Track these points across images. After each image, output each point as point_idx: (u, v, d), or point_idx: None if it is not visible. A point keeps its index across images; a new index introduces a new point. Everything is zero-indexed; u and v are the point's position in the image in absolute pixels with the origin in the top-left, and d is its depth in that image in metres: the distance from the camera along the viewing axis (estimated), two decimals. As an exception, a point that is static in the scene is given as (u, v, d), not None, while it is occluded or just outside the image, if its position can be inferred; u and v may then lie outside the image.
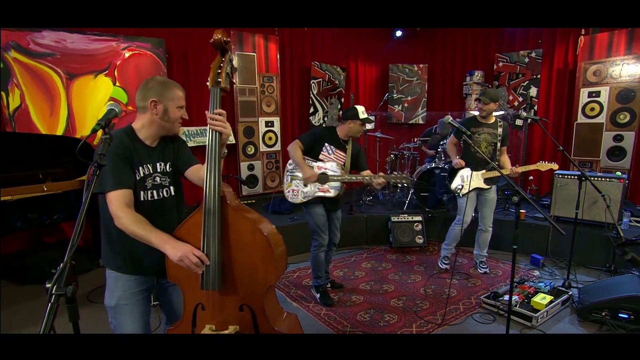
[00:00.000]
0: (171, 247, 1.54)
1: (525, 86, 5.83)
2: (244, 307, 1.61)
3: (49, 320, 0.98)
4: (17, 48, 3.97)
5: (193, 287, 1.60)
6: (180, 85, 1.78)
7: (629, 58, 4.71)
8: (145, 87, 1.70)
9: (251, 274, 1.59)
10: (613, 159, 4.88)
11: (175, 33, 5.03)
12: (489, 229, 3.82)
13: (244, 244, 1.58)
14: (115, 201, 1.58)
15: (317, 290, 3.40)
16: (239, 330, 1.60)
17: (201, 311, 1.62)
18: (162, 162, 1.80)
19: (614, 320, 2.80)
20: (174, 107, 1.73)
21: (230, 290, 1.60)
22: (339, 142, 3.20)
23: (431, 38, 6.93)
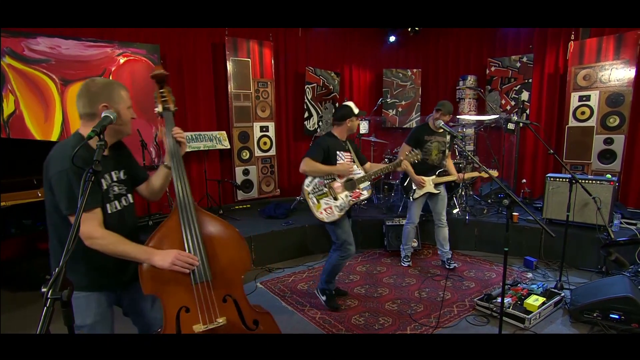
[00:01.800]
0: (159, 257, 1.58)
1: (517, 90, 5.90)
2: (227, 297, 1.74)
3: (44, 324, 0.99)
4: (12, 54, 3.98)
5: (175, 293, 1.65)
6: (123, 85, 1.71)
7: (618, 63, 4.79)
8: (89, 91, 1.59)
9: (230, 264, 1.77)
10: (604, 162, 4.94)
11: (170, 39, 5.06)
12: (445, 224, 4.06)
13: (219, 239, 1.77)
14: (90, 222, 1.50)
15: (324, 293, 3.36)
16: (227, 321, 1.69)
17: (185, 314, 1.65)
18: (117, 171, 1.74)
19: (605, 320, 2.83)
20: (125, 108, 1.67)
21: (214, 282, 1.70)
22: (342, 146, 3.13)
23: (424, 43, 7.00)
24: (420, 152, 3.11)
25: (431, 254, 4.62)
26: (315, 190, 3.07)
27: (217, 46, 5.44)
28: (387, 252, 4.63)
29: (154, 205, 4.90)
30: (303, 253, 4.62)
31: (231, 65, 5.38)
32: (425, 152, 3.80)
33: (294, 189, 6.35)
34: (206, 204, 5.31)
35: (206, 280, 1.67)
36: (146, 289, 1.63)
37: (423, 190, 3.91)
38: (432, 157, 3.86)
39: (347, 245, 3.14)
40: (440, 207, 4.01)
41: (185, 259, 1.60)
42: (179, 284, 1.64)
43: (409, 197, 4.02)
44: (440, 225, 4.05)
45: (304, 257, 4.58)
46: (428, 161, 3.83)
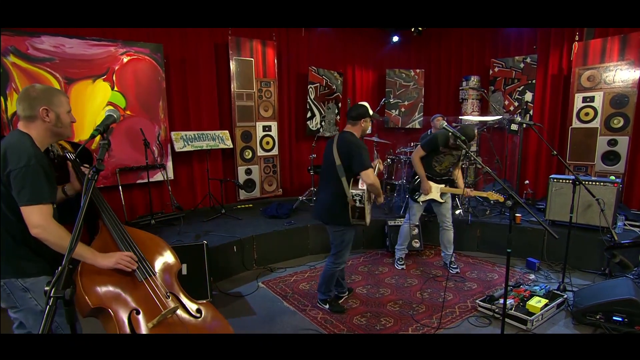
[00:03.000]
0: (102, 257, 1.73)
1: (520, 91, 5.89)
2: (169, 294, 1.89)
3: (47, 322, 0.99)
4: (16, 53, 3.99)
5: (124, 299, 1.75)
6: (62, 91, 1.84)
7: (622, 64, 4.77)
8: (29, 96, 1.69)
9: (164, 264, 2.02)
10: (607, 164, 4.92)
11: (173, 38, 5.06)
12: (450, 227, 4.03)
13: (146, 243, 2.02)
14: (45, 212, 1.62)
15: (325, 302, 3.32)
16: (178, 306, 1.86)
17: (136, 316, 1.72)
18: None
19: (608, 323, 2.82)
20: (64, 112, 1.78)
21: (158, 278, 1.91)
22: None
23: (427, 43, 6.99)
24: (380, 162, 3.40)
25: (433, 254, 4.61)
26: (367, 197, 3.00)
27: (220, 45, 5.44)
28: (389, 252, 4.63)
29: (156, 204, 4.91)
30: (305, 253, 4.62)
31: (234, 64, 5.39)
32: (437, 160, 3.83)
33: (296, 189, 6.35)
34: (208, 203, 5.32)
35: (152, 275, 1.86)
36: (93, 302, 1.65)
37: (428, 197, 3.91)
38: (441, 167, 3.86)
39: (345, 254, 3.17)
40: (444, 210, 4.00)
41: (127, 258, 1.77)
42: (124, 287, 1.77)
43: (412, 198, 4.01)
44: (445, 228, 4.04)
45: (306, 257, 4.58)
46: (436, 169, 3.85)
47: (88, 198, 1.19)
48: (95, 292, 1.69)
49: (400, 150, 5.76)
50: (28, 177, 1.58)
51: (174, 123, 5.16)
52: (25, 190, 1.58)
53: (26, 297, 1.71)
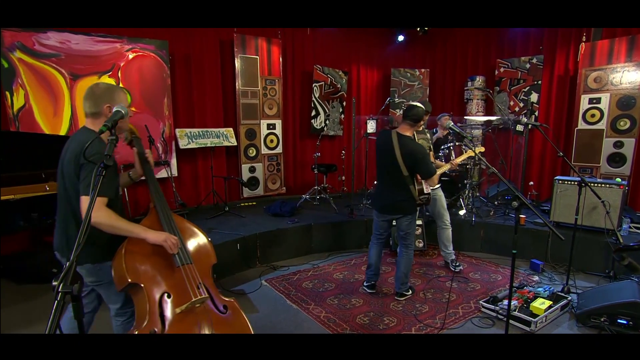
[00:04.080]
0: (152, 233, 1.83)
1: (526, 92, 5.86)
2: (200, 285, 1.93)
3: (55, 318, 0.99)
4: (23, 49, 4.00)
5: (159, 280, 1.85)
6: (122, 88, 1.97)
7: (630, 65, 4.73)
8: (94, 94, 1.86)
9: (201, 256, 2.07)
10: (613, 166, 4.89)
11: (179, 35, 5.06)
12: (449, 225, 4.02)
13: (190, 235, 2.12)
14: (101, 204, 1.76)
15: (408, 290, 3.54)
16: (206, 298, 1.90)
17: (167, 299, 1.81)
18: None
19: (612, 325, 2.81)
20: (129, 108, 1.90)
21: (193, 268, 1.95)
22: None
23: (433, 43, 6.96)
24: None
25: (436, 254, 4.60)
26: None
27: (225, 43, 5.44)
28: (393, 252, 4.62)
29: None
30: (308, 251, 4.62)
31: (239, 62, 5.38)
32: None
33: (299, 187, 6.35)
34: (212, 201, 5.33)
35: (189, 263, 1.91)
36: (130, 278, 1.77)
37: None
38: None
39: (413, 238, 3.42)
40: (440, 207, 4.00)
41: (174, 240, 1.86)
42: (161, 270, 1.86)
43: None
44: (444, 227, 4.04)
45: (309, 255, 4.58)
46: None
47: (96, 194, 1.19)
48: (134, 269, 1.80)
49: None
50: (88, 171, 1.75)
51: (178, 120, 5.16)
52: (85, 182, 1.76)
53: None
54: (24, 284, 3.64)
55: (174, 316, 1.78)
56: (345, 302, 3.40)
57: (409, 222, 3.33)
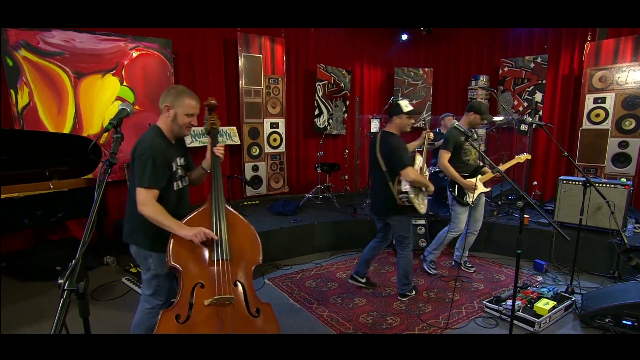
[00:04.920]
0: (186, 229, 1.92)
1: (530, 91, 5.83)
2: (237, 282, 1.99)
3: (61, 316, 0.99)
4: (27, 47, 4.01)
5: (195, 268, 1.93)
6: (195, 96, 2.07)
7: (635, 65, 4.70)
8: (166, 92, 2.04)
9: (244, 254, 2.08)
10: (618, 166, 4.87)
11: (182, 34, 5.06)
12: (477, 232, 3.94)
13: (238, 232, 2.12)
14: (149, 195, 1.91)
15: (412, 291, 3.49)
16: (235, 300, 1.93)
17: (200, 290, 1.89)
18: (180, 157, 2.14)
19: (617, 326, 2.79)
20: (182, 114, 2.01)
21: (232, 264, 1.98)
22: None
23: (437, 42, 6.94)
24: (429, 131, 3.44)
25: (440, 254, 4.57)
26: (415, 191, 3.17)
27: (229, 42, 5.44)
28: (396, 251, 4.60)
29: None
30: (311, 250, 4.61)
31: (243, 61, 5.38)
32: (465, 153, 3.66)
33: (302, 186, 6.35)
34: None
35: (226, 259, 1.94)
36: (174, 258, 1.91)
37: (476, 192, 3.66)
38: (472, 157, 3.69)
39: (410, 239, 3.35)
40: (479, 213, 3.86)
41: (206, 233, 1.90)
42: (200, 261, 1.94)
43: (464, 204, 3.67)
44: (474, 233, 3.89)
45: (312, 254, 4.57)
46: (469, 162, 3.67)
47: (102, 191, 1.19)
48: (177, 254, 1.92)
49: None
50: (140, 164, 1.92)
51: (182, 119, 5.16)
52: (138, 175, 1.92)
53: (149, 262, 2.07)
54: (28, 282, 3.65)
55: (200, 307, 1.85)
56: (349, 302, 3.40)
57: (399, 224, 3.27)
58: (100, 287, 3.59)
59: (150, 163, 1.90)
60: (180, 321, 1.82)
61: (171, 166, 2.04)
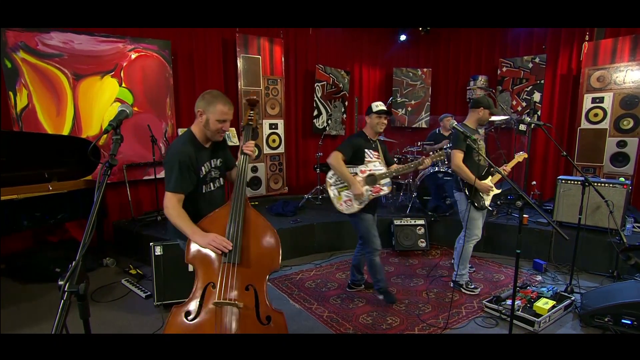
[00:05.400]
0: (199, 236, 1.91)
1: (528, 91, 5.85)
2: (250, 287, 1.93)
3: (62, 317, 0.99)
4: (26, 49, 4.01)
5: (208, 268, 1.94)
6: (228, 102, 2.06)
7: (633, 64, 4.72)
8: (201, 97, 2.06)
9: (261, 258, 1.99)
10: (616, 165, 4.88)
11: (181, 35, 5.07)
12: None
13: (258, 234, 2.03)
14: (172, 199, 1.98)
15: (380, 292, 3.38)
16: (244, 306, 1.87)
17: (211, 290, 1.89)
18: (215, 159, 2.19)
19: (616, 326, 2.79)
20: (214, 119, 2.02)
21: (243, 268, 1.93)
22: (370, 144, 3.19)
23: (435, 42, 6.95)
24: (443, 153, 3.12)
25: (439, 254, 4.59)
26: (337, 183, 3.18)
27: (227, 43, 5.44)
28: (395, 251, 4.62)
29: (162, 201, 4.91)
30: (311, 251, 4.61)
31: (241, 62, 5.39)
32: (477, 152, 3.38)
33: (302, 187, 6.35)
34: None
35: (234, 263, 1.89)
36: (186, 259, 1.96)
37: (491, 195, 3.46)
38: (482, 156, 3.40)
39: (370, 240, 3.19)
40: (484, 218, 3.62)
41: (220, 241, 1.87)
42: (212, 262, 1.93)
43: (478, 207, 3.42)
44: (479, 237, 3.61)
45: (311, 255, 4.57)
46: (482, 162, 3.40)
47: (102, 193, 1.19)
48: (193, 252, 1.95)
49: (407, 150, 5.73)
50: (167, 169, 2.00)
51: (181, 120, 5.17)
52: (165, 179, 2.02)
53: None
54: (28, 283, 3.65)
55: (209, 307, 1.85)
56: (348, 302, 3.40)
57: (354, 223, 3.23)
58: (99, 288, 3.58)
59: (177, 169, 1.95)
60: (189, 319, 1.84)
61: (199, 171, 2.07)
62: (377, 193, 3.12)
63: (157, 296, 3.14)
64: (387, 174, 3.10)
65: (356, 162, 3.12)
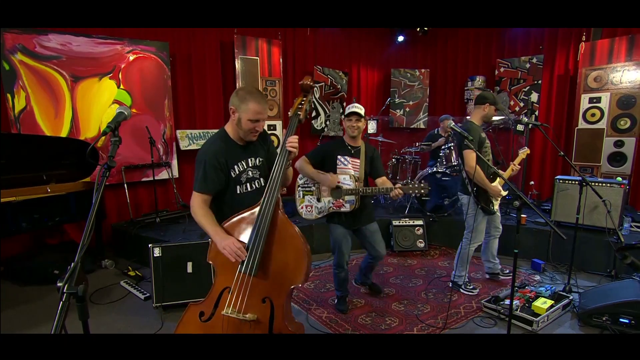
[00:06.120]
0: (219, 237, 1.81)
1: (526, 92, 5.87)
2: (267, 299, 1.79)
3: (61, 319, 0.99)
4: (24, 51, 4.01)
5: (226, 272, 1.84)
6: (262, 99, 1.91)
7: (630, 64, 4.74)
8: (234, 93, 1.95)
9: (283, 271, 1.80)
10: (614, 165, 4.90)
11: (179, 37, 5.07)
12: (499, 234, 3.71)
13: (284, 244, 1.82)
14: (197, 198, 1.92)
15: (336, 297, 3.35)
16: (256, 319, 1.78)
17: (227, 294, 1.81)
18: (253, 157, 2.05)
19: (614, 325, 2.81)
20: (246, 119, 1.90)
21: (261, 280, 1.79)
22: (348, 150, 3.03)
23: (433, 43, 6.97)
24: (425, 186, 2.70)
25: (438, 254, 4.60)
26: (304, 185, 3.12)
27: (225, 44, 5.45)
28: (394, 252, 4.62)
29: (161, 202, 4.91)
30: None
31: (240, 63, 5.39)
32: (486, 151, 3.34)
33: (300, 188, 6.34)
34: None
35: (250, 274, 1.76)
36: (209, 258, 1.90)
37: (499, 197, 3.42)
38: (490, 156, 3.41)
39: (339, 252, 3.07)
40: (497, 216, 3.63)
41: (235, 249, 1.75)
42: (232, 266, 1.81)
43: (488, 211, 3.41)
44: (496, 236, 3.70)
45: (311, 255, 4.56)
46: (490, 161, 3.30)
47: (100, 195, 1.19)
48: (215, 252, 1.86)
49: (405, 150, 5.75)
50: (196, 169, 1.94)
51: (179, 121, 5.17)
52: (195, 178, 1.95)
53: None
54: (27, 285, 3.64)
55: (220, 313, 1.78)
56: (347, 303, 3.40)
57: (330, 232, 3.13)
58: (98, 290, 3.58)
59: (202, 169, 1.91)
60: (203, 319, 1.82)
61: (230, 171, 1.97)
62: (338, 208, 2.97)
63: (155, 298, 3.13)
64: (353, 192, 2.90)
65: (328, 170, 2.98)
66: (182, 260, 3.22)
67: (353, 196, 2.93)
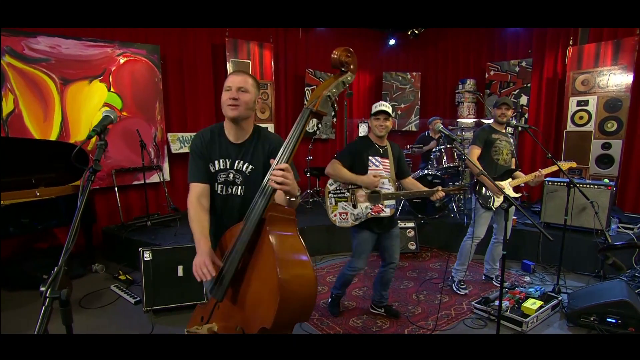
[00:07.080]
0: (199, 251, 1.63)
1: (516, 95, 5.93)
2: (240, 329, 1.55)
3: (43, 323, 0.99)
4: (12, 53, 3.98)
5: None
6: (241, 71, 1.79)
7: (615, 68, 4.82)
8: None
9: (256, 306, 1.48)
10: (602, 167, 4.96)
11: (170, 40, 5.06)
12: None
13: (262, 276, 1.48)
14: (190, 191, 1.77)
15: (331, 296, 3.29)
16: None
17: (217, 309, 1.68)
18: (242, 161, 1.80)
19: (602, 324, 2.84)
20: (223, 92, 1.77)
21: (233, 307, 1.60)
22: (377, 149, 2.89)
23: (424, 46, 7.03)
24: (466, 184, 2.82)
25: (429, 256, 4.62)
26: (336, 191, 2.89)
27: (217, 47, 5.45)
28: (385, 254, 4.63)
29: (152, 206, 4.89)
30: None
31: (231, 66, 5.39)
32: (496, 151, 3.41)
33: (292, 191, 6.34)
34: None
35: (216, 299, 1.61)
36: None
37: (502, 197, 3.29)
38: (503, 157, 3.44)
39: (355, 259, 2.98)
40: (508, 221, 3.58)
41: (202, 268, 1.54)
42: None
43: (487, 207, 3.43)
44: (501, 242, 3.59)
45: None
46: (499, 162, 3.41)
47: (85, 198, 1.18)
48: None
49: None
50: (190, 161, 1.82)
51: (170, 124, 5.15)
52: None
53: None
54: (16, 290, 3.60)
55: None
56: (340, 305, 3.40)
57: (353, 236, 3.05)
58: (88, 294, 3.55)
59: (190, 157, 1.81)
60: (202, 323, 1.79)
61: (210, 164, 1.79)
62: (377, 213, 2.81)
63: (146, 302, 3.11)
64: (394, 196, 2.79)
65: (359, 171, 2.80)
66: (172, 264, 3.20)
67: (393, 200, 2.82)
